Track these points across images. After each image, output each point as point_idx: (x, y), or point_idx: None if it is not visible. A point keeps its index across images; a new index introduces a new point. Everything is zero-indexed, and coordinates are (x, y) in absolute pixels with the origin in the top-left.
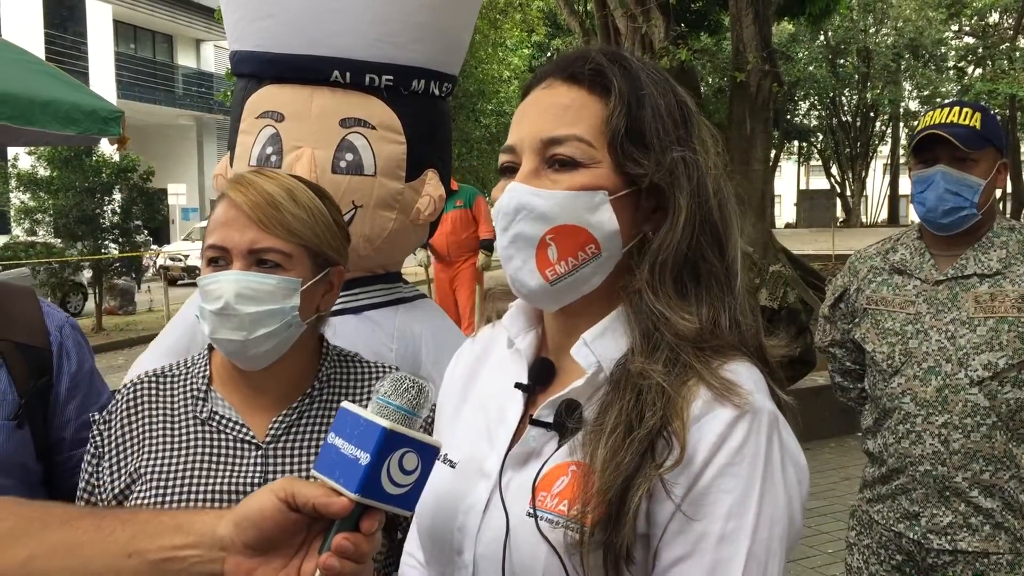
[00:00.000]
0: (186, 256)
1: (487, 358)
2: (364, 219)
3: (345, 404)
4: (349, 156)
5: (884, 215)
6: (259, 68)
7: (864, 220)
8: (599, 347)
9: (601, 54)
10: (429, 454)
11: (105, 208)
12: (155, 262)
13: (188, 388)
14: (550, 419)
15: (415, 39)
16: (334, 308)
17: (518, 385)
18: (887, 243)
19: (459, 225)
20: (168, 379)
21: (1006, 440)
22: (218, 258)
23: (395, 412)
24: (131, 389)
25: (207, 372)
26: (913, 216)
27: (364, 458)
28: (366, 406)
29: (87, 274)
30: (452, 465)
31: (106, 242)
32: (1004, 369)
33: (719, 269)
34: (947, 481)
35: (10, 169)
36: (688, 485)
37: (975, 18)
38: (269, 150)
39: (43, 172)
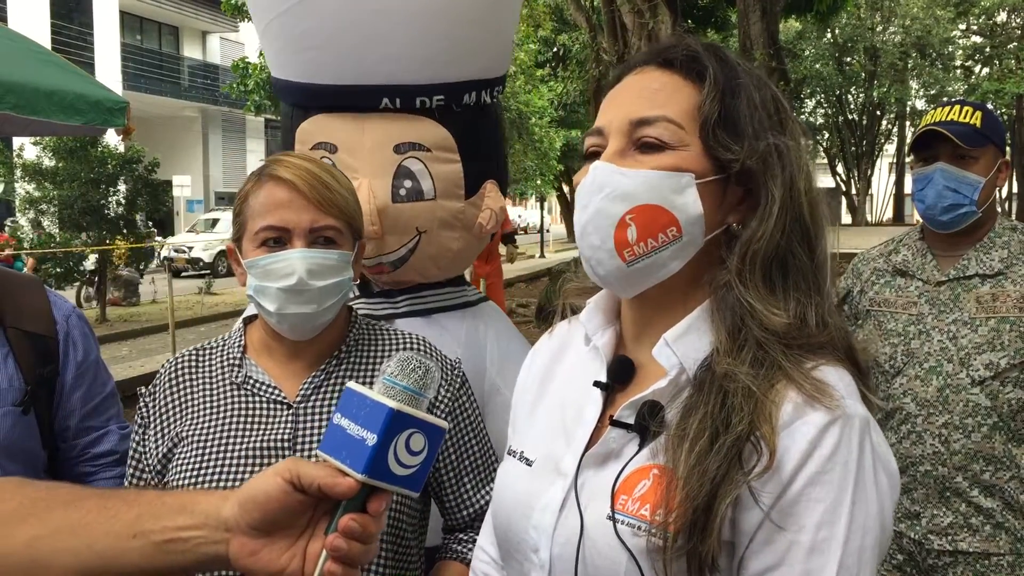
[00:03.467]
0: (190, 248)
1: (564, 355)
2: (430, 242)
3: (350, 384)
4: (408, 183)
5: (889, 214)
6: (304, 98)
7: (869, 219)
8: (681, 347)
9: (697, 42)
10: (436, 435)
11: (110, 199)
12: (159, 253)
13: (225, 358)
14: (631, 420)
15: (463, 54)
16: (402, 310)
17: (597, 384)
18: (890, 244)
19: None
20: (207, 352)
21: (1007, 440)
22: (276, 238)
23: (402, 392)
24: (173, 363)
25: (242, 343)
26: (918, 215)
27: (371, 439)
28: (372, 386)
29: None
30: (528, 463)
31: (111, 233)
32: (1005, 369)
33: (808, 267)
34: (947, 481)
35: (15, 159)
36: (777, 493)
37: (983, 17)
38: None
39: (48, 162)
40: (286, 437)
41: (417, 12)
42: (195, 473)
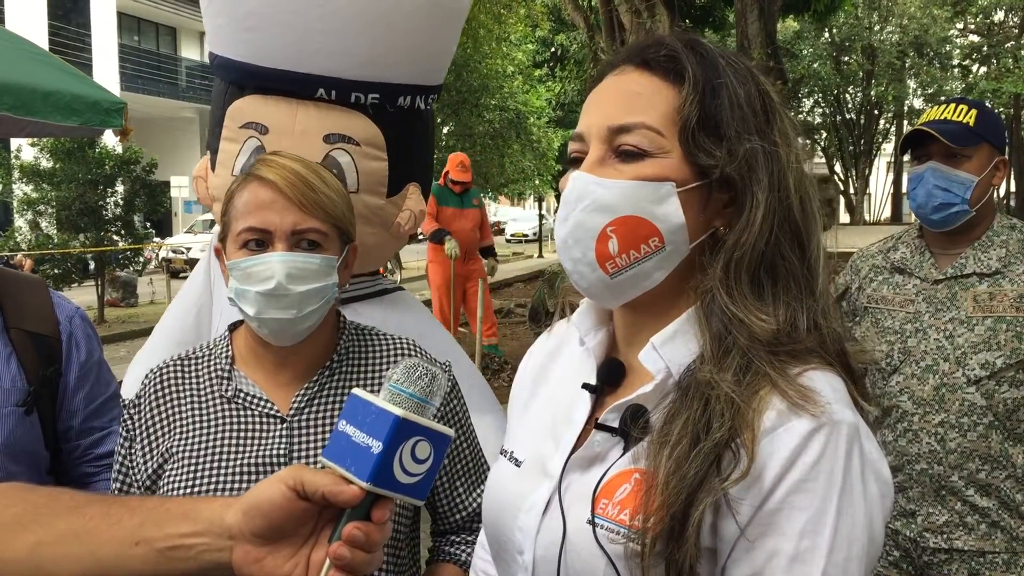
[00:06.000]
0: (188, 249)
1: (559, 354)
2: None
3: (356, 391)
4: (333, 172)
5: (887, 213)
6: (241, 77)
7: (867, 218)
8: (668, 351)
9: (677, 40)
10: (441, 443)
11: (108, 200)
12: (157, 254)
13: (212, 369)
14: (615, 424)
15: (404, 60)
16: None
17: (586, 386)
18: (888, 241)
19: (477, 224)
20: (192, 362)
21: (1002, 440)
22: (258, 240)
23: (408, 400)
24: (158, 373)
25: (229, 352)
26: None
27: (376, 446)
28: (378, 392)
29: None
30: (517, 463)
31: (109, 234)
32: (1001, 368)
33: (799, 269)
34: (943, 480)
35: (13, 160)
36: (757, 503)
37: (980, 16)
38: (253, 161)
39: (46, 164)
40: (281, 452)
41: (361, 11)
42: (188, 490)
